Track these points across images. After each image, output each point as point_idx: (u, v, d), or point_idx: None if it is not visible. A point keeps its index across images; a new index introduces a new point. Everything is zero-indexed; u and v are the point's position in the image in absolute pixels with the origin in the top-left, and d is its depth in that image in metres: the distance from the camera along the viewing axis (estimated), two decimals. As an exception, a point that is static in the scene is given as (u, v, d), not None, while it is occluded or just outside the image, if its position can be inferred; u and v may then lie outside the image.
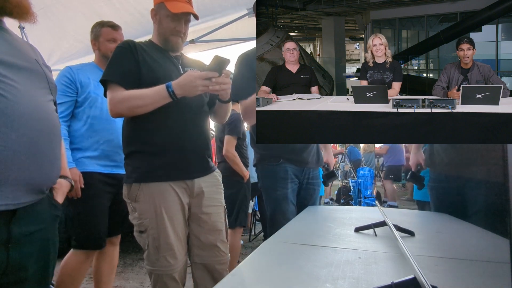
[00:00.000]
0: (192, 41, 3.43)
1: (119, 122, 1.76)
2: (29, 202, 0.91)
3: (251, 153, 2.50)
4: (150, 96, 1.31)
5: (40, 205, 0.96)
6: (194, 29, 3.28)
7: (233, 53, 1.27)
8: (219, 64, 1.28)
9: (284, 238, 1.17)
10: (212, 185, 1.52)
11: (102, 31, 1.92)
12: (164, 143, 1.40)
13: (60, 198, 1.12)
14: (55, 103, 1.10)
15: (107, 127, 1.84)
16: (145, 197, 1.37)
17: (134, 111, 1.34)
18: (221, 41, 3.42)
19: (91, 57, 3.63)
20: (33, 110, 0.91)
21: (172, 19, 1.44)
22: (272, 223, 1.84)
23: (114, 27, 1.96)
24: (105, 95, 1.41)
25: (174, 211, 1.39)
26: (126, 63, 1.39)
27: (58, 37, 2.86)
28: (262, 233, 3.98)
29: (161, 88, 1.29)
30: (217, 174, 1.57)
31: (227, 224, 1.56)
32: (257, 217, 4.15)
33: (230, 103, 1.60)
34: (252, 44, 3.64)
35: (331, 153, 2.08)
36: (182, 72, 1.46)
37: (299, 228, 1.37)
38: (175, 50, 1.51)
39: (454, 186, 0.59)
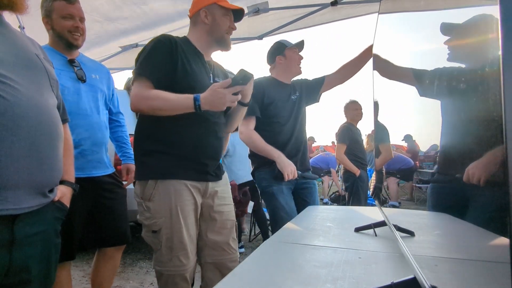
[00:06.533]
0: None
1: (95, 116, 1.69)
2: (32, 208, 0.90)
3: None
4: (176, 103, 1.31)
5: (43, 207, 0.95)
6: (194, 29, 3.28)
7: (233, 53, 1.27)
8: (244, 78, 1.30)
9: (284, 238, 1.17)
10: (223, 185, 1.56)
11: (55, 5, 1.59)
12: (185, 146, 1.41)
13: (66, 202, 1.09)
14: (58, 99, 1.08)
15: (82, 123, 1.62)
16: (161, 196, 1.38)
17: (155, 111, 1.33)
18: (221, 40, 3.42)
19: (91, 54, 3.63)
20: (33, 111, 0.89)
21: (230, 18, 1.49)
22: (275, 220, 1.95)
23: (69, 0, 1.61)
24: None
25: (188, 211, 1.40)
26: (162, 60, 1.36)
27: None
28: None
29: (189, 98, 1.29)
30: (226, 175, 1.62)
31: (236, 221, 1.62)
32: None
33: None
34: (251, 44, 3.65)
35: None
36: (211, 81, 1.49)
37: (299, 228, 1.37)
38: (229, 47, 1.53)
39: (454, 185, 0.59)
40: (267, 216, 4.20)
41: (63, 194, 1.07)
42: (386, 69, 1.36)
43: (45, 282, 0.97)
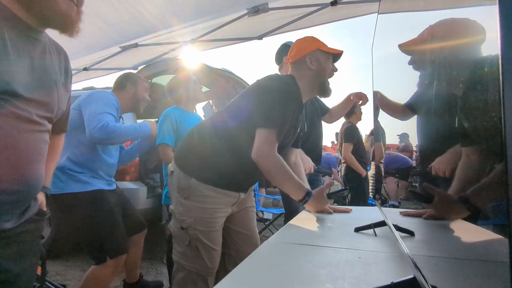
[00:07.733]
0: (192, 41, 3.43)
1: (118, 156, 2.22)
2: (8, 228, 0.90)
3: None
4: (288, 187, 1.43)
5: None
6: (193, 29, 3.28)
7: (233, 53, 1.27)
8: (339, 196, 1.46)
9: (284, 238, 1.16)
10: (250, 189, 1.68)
11: (140, 81, 2.21)
12: (237, 173, 1.47)
13: (44, 207, 1.10)
14: (62, 123, 1.16)
15: (114, 166, 2.17)
16: (197, 197, 1.41)
17: (265, 173, 1.39)
18: (220, 40, 3.42)
19: (90, 58, 3.61)
20: (19, 131, 0.87)
21: (331, 61, 1.54)
22: (292, 212, 2.12)
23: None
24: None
25: (219, 217, 1.46)
26: (289, 114, 1.43)
27: (57, 36, 2.86)
28: (262, 233, 3.98)
29: (303, 190, 1.42)
30: None
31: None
32: (256, 217, 4.15)
33: None
34: (251, 44, 3.65)
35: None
36: (297, 131, 1.61)
37: (299, 228, 1.37)
38: (330, 93, 1.56)
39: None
40: (265, 216, 4.21)
41: (41, 201, 1.09)
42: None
43: (26, 283, 0.95)
